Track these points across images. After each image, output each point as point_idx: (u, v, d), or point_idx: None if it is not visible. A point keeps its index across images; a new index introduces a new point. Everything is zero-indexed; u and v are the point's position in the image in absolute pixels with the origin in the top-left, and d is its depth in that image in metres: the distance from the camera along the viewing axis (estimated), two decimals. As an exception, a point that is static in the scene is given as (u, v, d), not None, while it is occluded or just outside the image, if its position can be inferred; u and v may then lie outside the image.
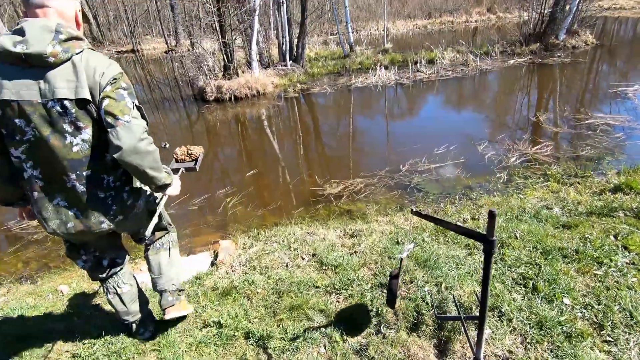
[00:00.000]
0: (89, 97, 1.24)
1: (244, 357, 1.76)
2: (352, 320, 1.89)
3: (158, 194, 1.64)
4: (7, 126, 1.24)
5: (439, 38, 16.11)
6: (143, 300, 1.87)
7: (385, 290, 2.09)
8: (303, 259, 2.62)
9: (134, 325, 1.86)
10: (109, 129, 1.26)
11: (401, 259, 1.60)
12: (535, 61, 10.10)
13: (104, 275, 1.67)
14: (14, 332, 2.05)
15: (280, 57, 11.69)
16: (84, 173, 1.33)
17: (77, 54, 1.23)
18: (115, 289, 1.70)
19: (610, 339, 1.63)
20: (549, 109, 6.45)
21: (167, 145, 1.88)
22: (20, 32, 1.17)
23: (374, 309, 1.95)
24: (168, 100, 9.90)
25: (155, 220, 1.58)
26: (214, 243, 3.34)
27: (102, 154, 1.36)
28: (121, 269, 1.72)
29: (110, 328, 1.99)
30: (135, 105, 1.33)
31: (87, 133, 1.29)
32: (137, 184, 1.52)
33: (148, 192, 1.59)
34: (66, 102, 1.22)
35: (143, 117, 1.37)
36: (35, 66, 1.19)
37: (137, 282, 1.84)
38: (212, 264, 2.81)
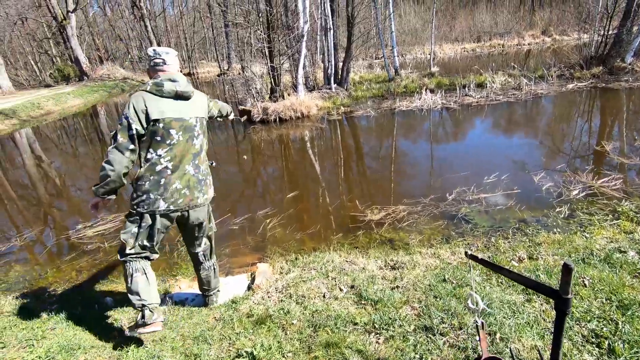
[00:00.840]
0: (206, 115, 2.21)
1: (276, 395, 1.66)
2: (393, 366, 1.73)
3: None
4: (163, 134, 1.92)
5: (489, 61, 15.61)
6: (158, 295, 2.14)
7: (430, 336, 1.91)
8: (341, 290, 2.50)
9: (146, 312, 1.99)
10: (223, 110, 2.61)
11: (478, 326, 1.29)
12: (597, 85, 9.39)
13: (149, 249, 2.09)
14: (61, 343, 2.12)
15: (325, 81, 11.92)
16: (196, 162, 2.08)
17: (194, 91, 2.09)
18: (144, 269, 2.07)
19: None
20: (615, 137, 5.88)
21: (214, 164, 2.35)
22: (174, 80, 1.96)
23: (417, 355, 1.78)
24: (217, 121, 10.40)
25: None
26: (252, 265, 3.32)
27: (203, 151, 2.15)
28: (152, 259, 2.16)
29: (145, 345, 1.99)
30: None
31: (202, 136, 2.12)
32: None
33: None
34: (199, 118, 2.08)
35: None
36: (183, 98, 2.00)
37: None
38: (249, 287, 2.78)
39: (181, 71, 2.12)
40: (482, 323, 1.24)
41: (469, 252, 1.30)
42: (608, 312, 1.88)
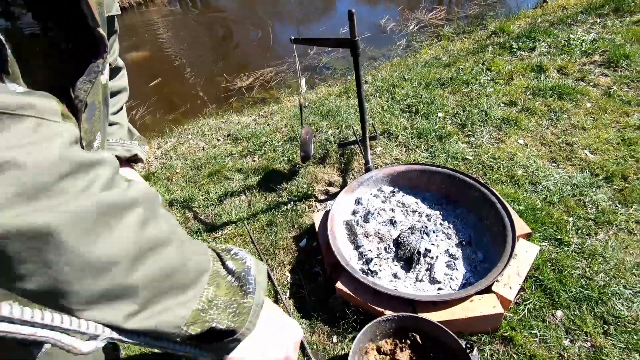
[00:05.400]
0: None
1: (172, 219, 1.89)
2: (268, 170, 2.08)
3: None
4: None
5: None
6: None
7: (295, 143, 2.28)
8: (218, 140, 2.68)
9: None
10: None
11: (301, 103, 1.69)
12: None
13: None
14: None
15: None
16: None
17: None
18: None
19: (469, 133, 2.03)
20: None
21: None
22: None
23: (286, 158, 2.15)
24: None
25: None
26: (127, 152, 3.21)
27: None
28: None
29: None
30: None
31: None
32: None
33: None
34: None
35: None
36: None
37: None
38: (128, 165, 2.76)
39: None
40: (303, 101, 1.63)
41: (292, 38, 1.52)
42: (418, 90, 2.48)
